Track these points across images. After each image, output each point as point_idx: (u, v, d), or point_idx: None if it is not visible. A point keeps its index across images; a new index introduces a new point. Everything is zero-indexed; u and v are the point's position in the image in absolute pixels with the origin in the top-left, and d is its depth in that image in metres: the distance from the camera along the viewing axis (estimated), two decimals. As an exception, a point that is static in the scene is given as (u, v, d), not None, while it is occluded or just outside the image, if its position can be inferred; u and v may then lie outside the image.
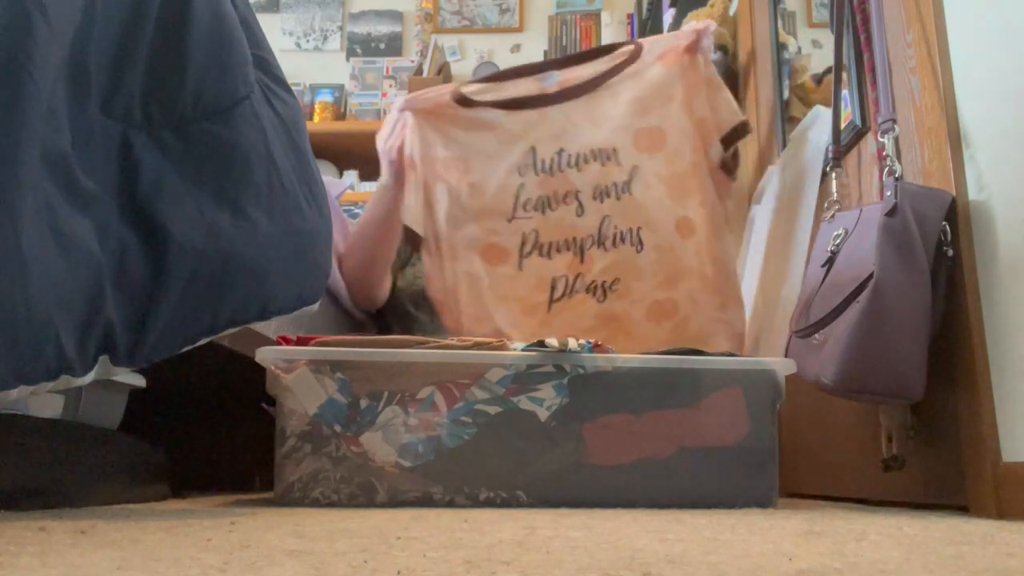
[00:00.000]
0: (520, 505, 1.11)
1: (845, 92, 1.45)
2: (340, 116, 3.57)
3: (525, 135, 1.62)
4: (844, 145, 1.44)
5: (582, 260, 1.56)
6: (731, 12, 2.16)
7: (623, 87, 1.64)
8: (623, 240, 1.56)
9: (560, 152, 1.61)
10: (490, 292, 1.57)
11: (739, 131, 1.61)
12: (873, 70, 1.22)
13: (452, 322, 1.59)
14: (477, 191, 1.60)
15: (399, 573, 0.49)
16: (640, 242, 1.56)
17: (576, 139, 1.62)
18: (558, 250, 1.57)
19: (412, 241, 1.61)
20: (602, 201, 1.58)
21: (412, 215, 1.59)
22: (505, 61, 3.57)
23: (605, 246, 1.56)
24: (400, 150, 1.64)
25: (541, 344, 1.16)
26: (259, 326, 0.98)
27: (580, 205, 1.58)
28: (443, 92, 1.66)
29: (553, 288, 1.56)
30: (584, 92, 1.65)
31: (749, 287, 1.71)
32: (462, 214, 1.59)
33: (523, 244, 1.58)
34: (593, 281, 1.55)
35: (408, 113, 1.64)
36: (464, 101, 1.65)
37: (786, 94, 1.85)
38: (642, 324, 1.54)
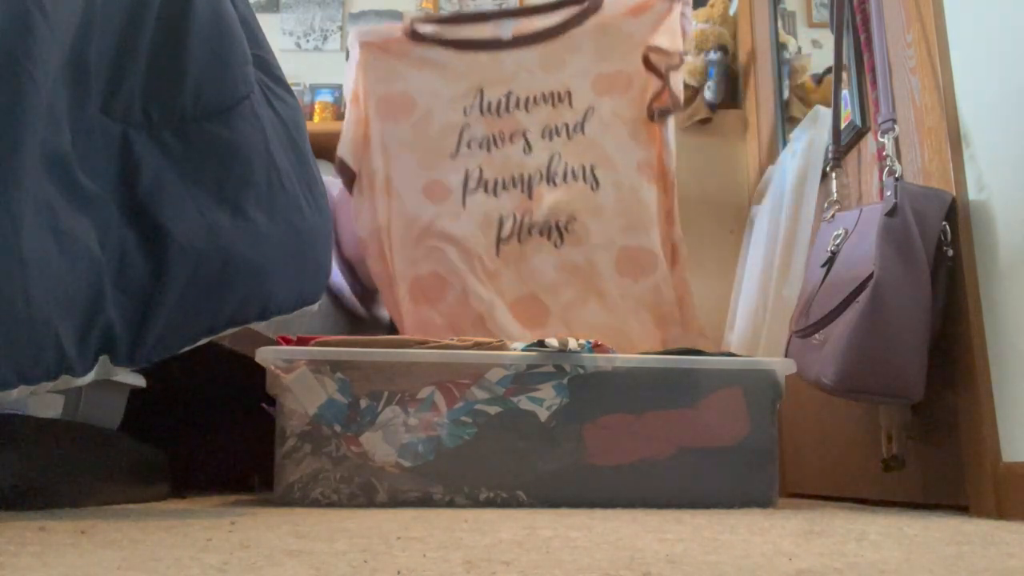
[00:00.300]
0: (520, 505, 1.11)
1: (845, 92, 1.45)
2: (340, 116, 3.56)
3: (473, 76, 1.61)
4: (844, 145, 1.44)
5: (530, 196, 1.52)
6: (731, 12, 2.16)
7: (584, 37, 1.64)
8: (575, 177, 1.52)
9: (508, 95, 1.60)
10: (430, 232, 1.52)
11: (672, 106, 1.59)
12: (873, 70, 1.22)
13: (378, 266, 1.54)
14: (420, 129, 1.59)
15: (399, 573, 0.49)
16: (595, 180, 1.52)
17: (527, 84, 1.61)
18: (504, 187, 1.54)
19: (344, 175, 1.59)
20: (551, 140, 1.56)
21: (347, 148, 1.58)
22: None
23: (555, 182, 1.53)
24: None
25: (541, 344, 1.16)
26: (259, 326, 0.98)
27: (527, 143, 1.56)
28: (395, 27, 1.66)
29: (500, 227, 1.51)
30: (540, 40, 1.64)
31: (749, 287, 1.71)
32: (402, 151, 1.57)
33: (467, 181, 1.54)
34: (546, 221, 1.50)
35: (357, 47, 1.64)
36: (416, 36, 1.64)
37: (786, 94, 1.85)
38: (614, 280, 1.47)
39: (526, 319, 1.47)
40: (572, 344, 1.15)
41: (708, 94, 2.03)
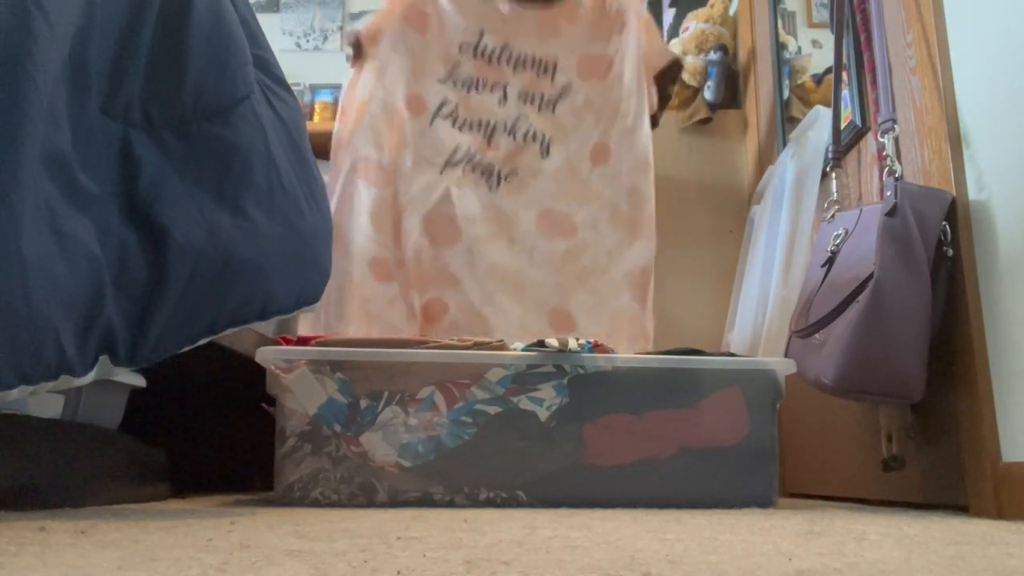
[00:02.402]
0: (520, 505, 1.11)
1: (845, 92, 1.45)
2: (340, 116, 3.56)
3: (480, 17, 1.76)
4: (844, 145, 1.44)
5: (488, 143, 1.69)
6: (731, 12, 2.16)
7: (581, 10, 1.77)
8: (532, 140, 1.69)
9: (504, 47, 1.75)
10: (397, 131, 1.67)
11: (673, 69, 1.76)
12: (873, 70, 1.22)
13: (345, 131, 1.69)
14: (426, 46, 1.74)
15: (399, 573, 0.49)
16: (547, 150, 1.69)
17: (523, 42, 1.76)
18: (470, 128, 1.70)
19: (355, 48, 1.73)
20: (525, 103, 1.72)
21: (365, 27, 1.74)
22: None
23: (514, 136, 1.69)
24: None
25: (541, 344, 1.16)
26: (259, 326, 0.98)
27: (504, 96, 1.72)
28: None
29: (453, 152, 1.67)
30: (538, 4, 1.77)
31: (749, 287, 1.71)
32: (405, 54, 1.72)
33: (441, 107, 1.71)
34: (491, 165, 1.66)
35: None
36: None
37: (786, 94, 1.85)
38: (531, 231, 1.62)
39: (436, 233, 1.61)
40: (572, 344, 1.15)
41: (708, 94, 2.03)
